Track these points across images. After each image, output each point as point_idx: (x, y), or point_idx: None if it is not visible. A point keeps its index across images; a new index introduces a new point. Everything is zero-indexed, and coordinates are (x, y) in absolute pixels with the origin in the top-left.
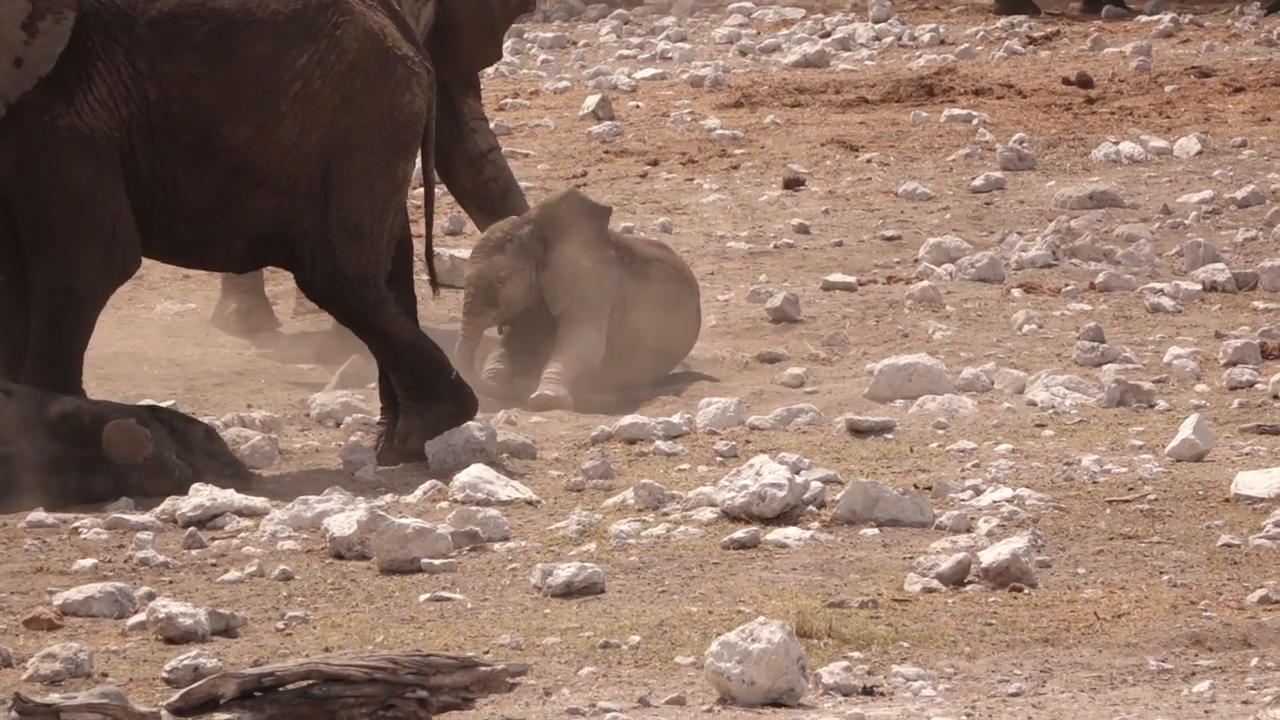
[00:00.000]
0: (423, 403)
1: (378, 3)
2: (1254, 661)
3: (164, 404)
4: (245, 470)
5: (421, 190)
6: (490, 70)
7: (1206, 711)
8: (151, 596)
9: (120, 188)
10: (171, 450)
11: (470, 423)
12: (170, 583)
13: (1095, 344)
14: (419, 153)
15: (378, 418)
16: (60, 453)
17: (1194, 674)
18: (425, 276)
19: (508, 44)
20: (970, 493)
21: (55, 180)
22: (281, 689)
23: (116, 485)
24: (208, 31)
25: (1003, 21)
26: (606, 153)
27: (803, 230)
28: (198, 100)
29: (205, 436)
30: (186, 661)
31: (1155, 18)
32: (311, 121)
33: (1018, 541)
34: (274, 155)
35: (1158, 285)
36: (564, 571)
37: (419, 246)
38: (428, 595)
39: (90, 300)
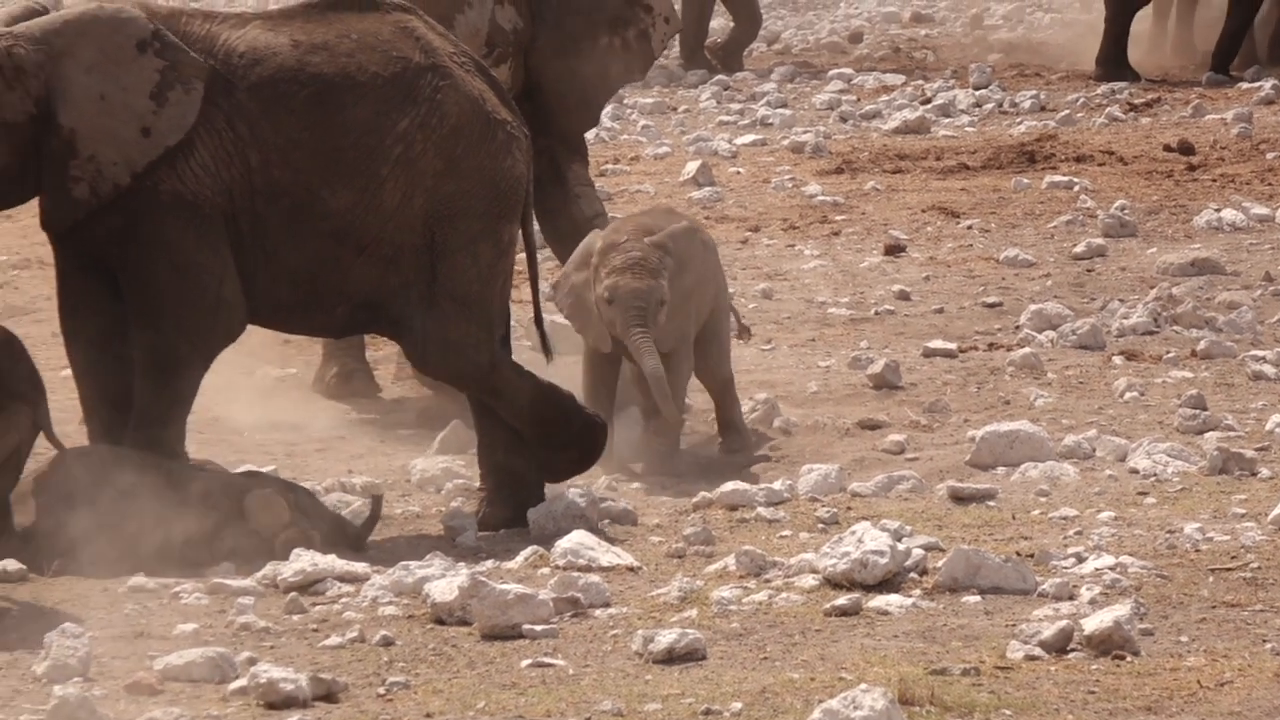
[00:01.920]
0: (551, 446)
1: (475, 68)
2: None
3: (265, 470)
4: (352, 526)
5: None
6: (590, 135)
7: None
8: (253, 661)
9: (225, 251)
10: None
11: (571, 489)
12: (271, 648)
13: (1197, 411)
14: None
15: (478, 484)
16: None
17: None
18: (528, 343)
19: (608, 109)
20: (1072, 560)
21: (160, 245)
22: None
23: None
24: (307, 96)
25: (1104, 88)
26: (707, 218)
27: (903, 297)
28: (298, 165)
29: (310, 499)
30: None
31: (1256, 84)
32: (414, 187)
33: (1120, 609)
34: (376, 221)
35: (1259, 353)
36: (665, 638)
37: (517, 312)
38: (529, 661)
39: (195, 363)
